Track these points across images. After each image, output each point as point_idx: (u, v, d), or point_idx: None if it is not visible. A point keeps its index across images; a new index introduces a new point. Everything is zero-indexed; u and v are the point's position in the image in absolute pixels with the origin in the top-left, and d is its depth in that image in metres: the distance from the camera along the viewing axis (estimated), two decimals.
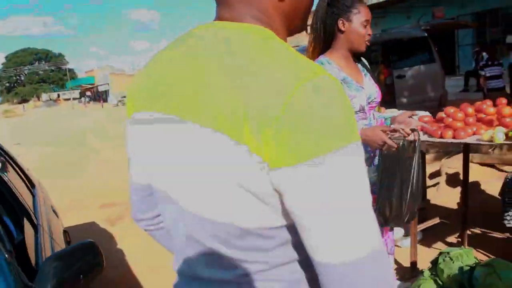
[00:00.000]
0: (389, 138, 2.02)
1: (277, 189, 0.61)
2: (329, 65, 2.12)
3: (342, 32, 2.10)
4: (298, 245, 0.66)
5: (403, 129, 2.08)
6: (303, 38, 20.98)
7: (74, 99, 65.04)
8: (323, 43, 2.13)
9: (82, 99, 66.59)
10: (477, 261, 2.81)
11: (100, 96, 55.39)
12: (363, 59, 2.28)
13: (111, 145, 12.64)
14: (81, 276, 1.39)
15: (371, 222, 0.62)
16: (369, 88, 2.20)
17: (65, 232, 2.62)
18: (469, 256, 2.85)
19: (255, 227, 0.66)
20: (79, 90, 68.96)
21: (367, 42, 2.11)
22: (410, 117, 2.15)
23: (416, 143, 2.07)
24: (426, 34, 8.62)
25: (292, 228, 0.66)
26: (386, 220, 2.18)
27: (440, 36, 15.82)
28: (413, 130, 2.10)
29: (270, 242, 0.68)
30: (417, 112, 2.46)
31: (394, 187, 2.10)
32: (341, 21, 2.08)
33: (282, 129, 0.58)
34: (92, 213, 5.84)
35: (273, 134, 0.58)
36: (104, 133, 16.80)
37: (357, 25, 2.08)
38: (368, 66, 2.29)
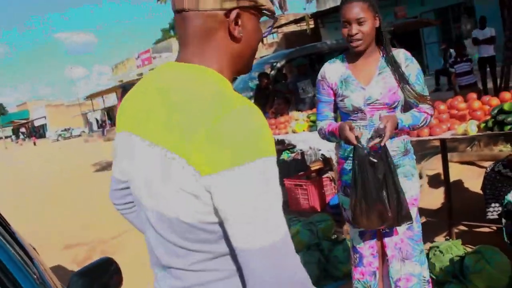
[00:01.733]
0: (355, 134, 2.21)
1: (208, 190, 0.91)
2: (340, 62, 2.49)
3: None
4: None
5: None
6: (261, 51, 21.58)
7: (6, 137, 63.11)
8: None
9: (13, 137, 64.67)
10: (465, 251, 3.18)
11: (36, 132, 54.13)
12: (401, 51, 2.45)
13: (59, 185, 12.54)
14: None
15: (274, 218, 0.91)
16: (372, 89, 2.36)
17: None
18: (458, 247, 3.23)
19: (194, 222, 0.95)
20: (11, 127, 67.18)
21: (352, 42, 2.33)
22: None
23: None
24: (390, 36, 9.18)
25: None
26: (355, 220, 2.32)
27: (405, 36, 16.75)
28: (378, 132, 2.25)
29: (212, 235, 0.97)
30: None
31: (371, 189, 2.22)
32: None
33: (206, 148, 0.89)
34: (55, 255, 5.89)
35: (201, 151, 0.90)
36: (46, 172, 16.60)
37: (342, 25, 2.35)
38: (398, 60, 2.38)
